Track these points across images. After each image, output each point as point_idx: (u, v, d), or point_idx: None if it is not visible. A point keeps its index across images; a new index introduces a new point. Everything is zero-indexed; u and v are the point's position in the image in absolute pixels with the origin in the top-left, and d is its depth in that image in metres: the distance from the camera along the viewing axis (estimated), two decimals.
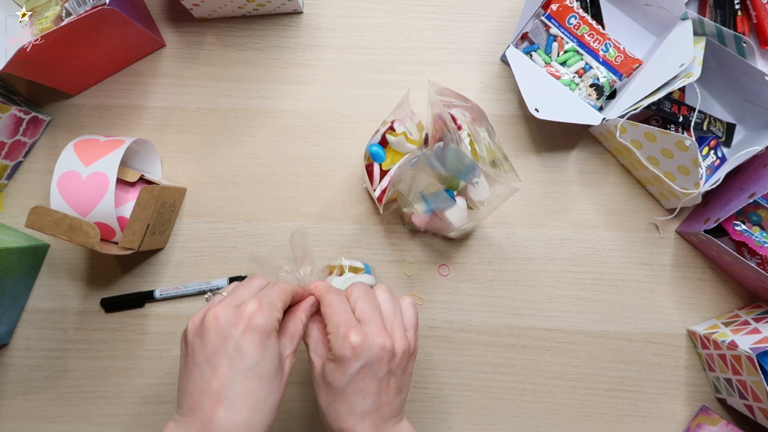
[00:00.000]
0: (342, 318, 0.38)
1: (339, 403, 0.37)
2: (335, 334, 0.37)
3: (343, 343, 0.37)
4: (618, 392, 0.55)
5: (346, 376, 0.37)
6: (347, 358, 0.36)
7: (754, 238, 0.53)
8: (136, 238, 0.49)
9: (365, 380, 0.37)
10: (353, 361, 0.36)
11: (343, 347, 0.36)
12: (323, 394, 0.38)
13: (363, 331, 0.37)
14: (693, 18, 0.54)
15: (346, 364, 0.37)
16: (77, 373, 0.55)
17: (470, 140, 0.49)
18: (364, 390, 0.37)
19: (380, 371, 0.37)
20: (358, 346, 0.36)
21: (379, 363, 0.37)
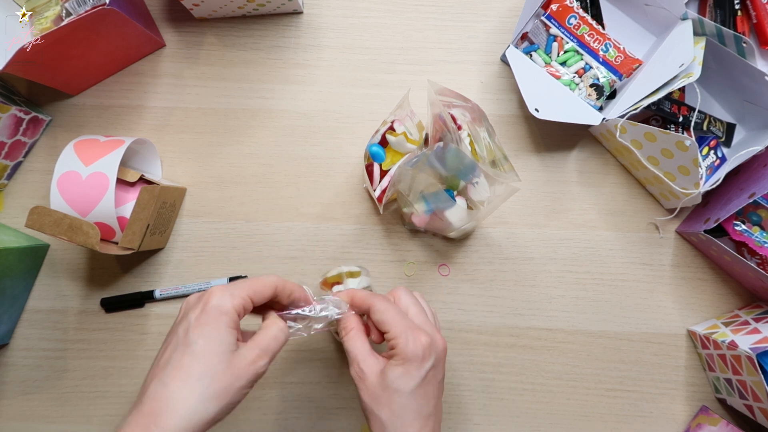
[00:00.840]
0: (405, 321, 0.38)
1: (406, 410, 0.37)
2: (405, 337, 0.37)
3: (416, 344, 0.37)
4: (618, 392, 0.55)
5: (416, 379, 0.37)
6: (419, 358, 0.37)
7: (754, 238, 0.53)
8: (136, 238, 0.50)
9: (431, 383, 0.38)
10: (425, 361, 0.37)
11: (416, 348, 0.37)
12: (385, 404, 0.37)
13: (427, 333, 0.38)
14: (693, 18, 0.54)
15: (418, 365, 0.37)
16: (77, 373, 0.55)
17: (470, 140, 0.49)
18: (428, 393, 0.38)
19: (440, 373, 0.39)
20: (428, 347, 0.37)
21: (441, 364, 0.39)
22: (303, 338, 0.56)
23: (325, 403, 0.55)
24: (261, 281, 0.37)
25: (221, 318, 0.34)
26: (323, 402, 0.55)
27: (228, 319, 0.34)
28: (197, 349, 0.33)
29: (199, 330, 0.33)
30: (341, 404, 0.55)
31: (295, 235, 0.58)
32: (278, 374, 0.55)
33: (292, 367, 0.55)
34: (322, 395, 0.55)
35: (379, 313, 0.39)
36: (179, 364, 0.33)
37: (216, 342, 0.33)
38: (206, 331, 0.33)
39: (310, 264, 0.57)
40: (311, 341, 0.56)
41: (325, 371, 0.55)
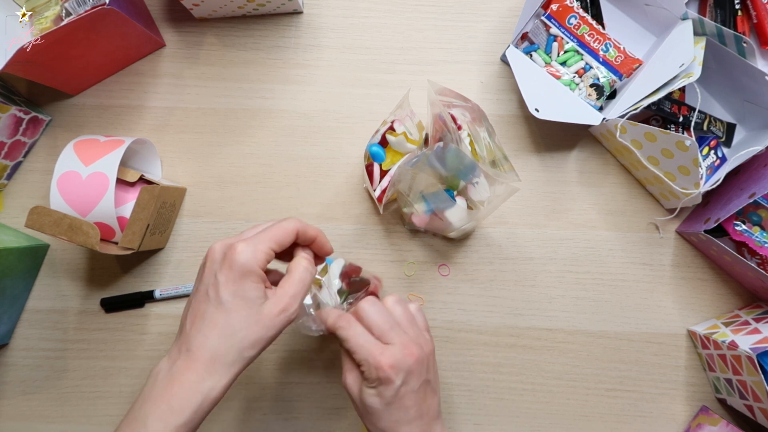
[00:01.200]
0: (366, 347, 0.39)
1: (384, 421, 0.38)
2: (367, 364, 0.38)
3: (378, 369, 0.38)
4: (618, 392, 0.55)
5: (387, 398, 0.38)
6: (386, 380, 0.38)
7: (754, 238, 0.52)
8: (136, 238, 0.49)
9: (406, 396, 0.39)
10: (391, 382, 0.38)
11: (378, 373, 0.38)
12: (367, 419, 0.39)
13: (392, 351, 0.38)
14: (693, 18, 0.54)
15: (385, 387, 0.38)
16: (77, 373, 0.55)
17: (470, 140, 0.49)
18: (405, 404, 0.39)
19: (417, 383, 0.39)
20: (392, 366, 0.38)
21: (416, 375, 0.39)
22: (303, 338, 0.56)
23: (325, 403, 0.55)
24: (282, 229, 0.39)
25: (248, 275, 0.36)
26: (323, 402, 0.55)
27: (254, 275, 0.37)
28: (229, 307, 0.36)
29: (228, 289, 0.36)
30: (341, 404, 0.55)
31: None
32: (278, 374, 0.55)
33: (292, 367, 0.55)
34: (322, 395, 0.55)
35: (344, 341, 0.40)
36: (215, 319, 0.36)
37: (245, 298, 0.36)
38: (235, 289, 0.36)
39: None
40: (311, 341, 0.56)
41: (325, 371, 0.55)
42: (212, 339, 0.36)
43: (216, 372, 0.36)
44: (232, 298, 0.36)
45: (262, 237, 0.38)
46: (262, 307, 0.37)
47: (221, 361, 0.36)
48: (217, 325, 0.36)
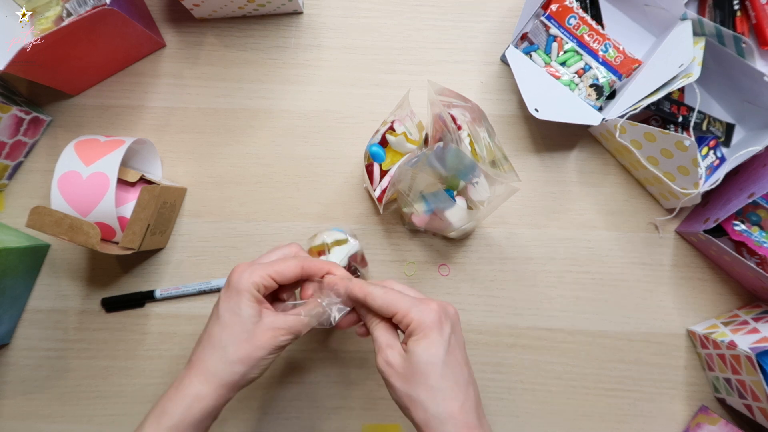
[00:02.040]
0: (408, 297, 0.38)
1: (443, 381, 0.35)
2: (416, 310, 0.37)
3: (429, 311, 0.37)
4: (618, 392, 0.55)
5: (442, 346, 0.36)
6: (437, 324, 0.36)
7: (753, 238, 0.53)
8: (136, 238, 0.50)
9: (457, 348, 0.37)
10: (443, 325, 0.37)
11: (430, 315, 0.36)
12: (421, 383, 0.35)
13: (432, 301, 0.38)
14: (692, 18, 0.54)
15: (438, 332, 0.36)
16: (77, 373, 0.55)
17: (470, 140, 0.49)
18: (458, 359, 0.37)
19: (461, 337, 0.39)
20: (441, 311, 0.37)
21: (458, 328, 0.39)
22: (303, 337, 0.56)
23: (325, 403, 0.55)
24: (285, 264, 0.40)
25: (241, 294, 0.38)
26: (323, 402, 0.55)
27: (248, 294, 0.38)
28: (223, 321, 0.39)
29: (224, 304, 0.39)
30: (341, 404, 0.55)
31: (295, 235, 0.58)
32: (278, 374, 0.55)
33: (292, 367, 0.56)
34: (322, 395, 0.55)
35: (379, 298, 0.39)
36: (211, 331, 0.39)
37: (239, 315, 0.38)
38: (229, 305, 0.39)
39: None
40: (311, 340, 0.56)
41: (325, 371, 0.55)
42: (207, 350, 0.39)
43: (205, 380, 0.38)
44: (227, 314, 0.39)
45: (261, 263, 0.40)
46: (256, 326, 0.38)
47: (211, 371, 0.38)
48: (212, 338, 0.39)
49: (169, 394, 0.38)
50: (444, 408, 0.35)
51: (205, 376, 0.38)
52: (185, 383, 0.38)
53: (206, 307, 0.56)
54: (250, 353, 0.38)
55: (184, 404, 0.37)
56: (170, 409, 0.37)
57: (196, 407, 0.37)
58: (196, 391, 0.37)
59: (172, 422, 0.36)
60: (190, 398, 0.37)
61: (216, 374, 0.38)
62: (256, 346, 0.38)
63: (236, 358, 0.38)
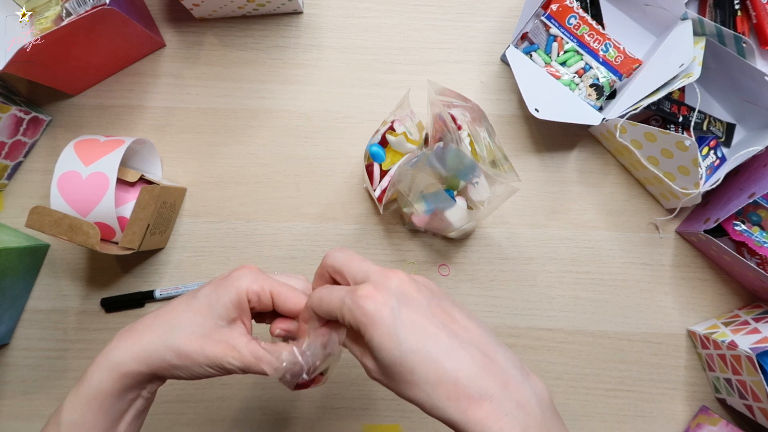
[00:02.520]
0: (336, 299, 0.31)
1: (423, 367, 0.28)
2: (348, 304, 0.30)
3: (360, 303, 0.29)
4: (618, 392, 0.55)
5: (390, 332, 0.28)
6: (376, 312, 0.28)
7: (753, 238, 0.53)
8: (136, 238, 0.50)
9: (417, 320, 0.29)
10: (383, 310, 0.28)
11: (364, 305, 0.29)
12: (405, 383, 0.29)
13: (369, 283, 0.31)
14: (693, 18, 0.54)
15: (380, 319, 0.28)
16: (77, 373, 0.55)
17: (470, 140, 0.49)
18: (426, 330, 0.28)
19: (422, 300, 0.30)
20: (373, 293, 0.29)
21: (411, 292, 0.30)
22: None
23: (325, 403, 0.55)
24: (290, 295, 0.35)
25: (230, 291, 0.34)
26: (323, 402, 0.55)
27: (235, 296, 0.34)
28: (194, 304, 0.34)
29: (208, 289, 0.35)
30: (341, 404, 0.55)
31: (295, 235, 0.58)
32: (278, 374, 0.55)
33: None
34: (322, 395, 0.55)
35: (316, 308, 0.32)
36: (176, 305, 0.35)
37: (210, 307, 0.34)
38: (210, 294, 0.34)
39: (310, 264, 0.57)
40: None
41: None
42: (153, 321, 0.34)
43: (136, 349, 0.33)
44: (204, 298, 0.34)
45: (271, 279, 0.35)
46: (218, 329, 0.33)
47: (142, 343, 0.33)
48: (173, 311, 0.34)
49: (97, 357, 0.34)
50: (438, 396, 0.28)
51: (135, 345, 0.33)
52: (111, 346, 0.34)
53: None
54: (190, 353, 0.33)
55: (104, 371, 0.33)
56: (89, 375, 0.33)
57: (117, 375, 0.32)
58: (120, 356, 0.33)
59: (91, 391, 0.32)
60: (109, 363, 0.33)
61: (145, 348, 0.33)
62: (201, 348, 0.33)
63: (177, 345, 0.33)
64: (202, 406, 0.55)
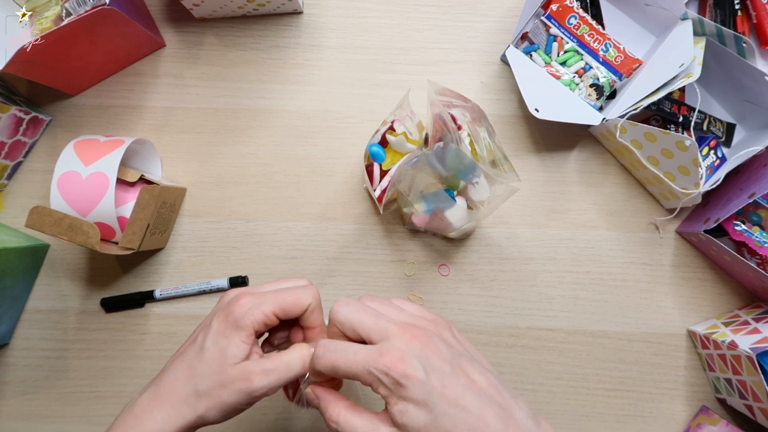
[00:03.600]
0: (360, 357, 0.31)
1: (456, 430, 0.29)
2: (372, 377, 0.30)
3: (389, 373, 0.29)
4: (618, 392, 0.55)
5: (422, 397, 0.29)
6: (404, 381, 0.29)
7: (754, 238, 0.53)
8: (136, 238, 0.50)
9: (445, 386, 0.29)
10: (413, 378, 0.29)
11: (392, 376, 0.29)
12: None
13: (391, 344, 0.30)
14: (693, 18, 0.54)
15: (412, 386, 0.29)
16: (77, 373, 0.55)
17: (470, 140, 0.49)
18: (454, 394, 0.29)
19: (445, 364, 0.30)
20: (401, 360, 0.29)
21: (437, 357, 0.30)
22: None
23: None
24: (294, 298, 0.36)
25: (238, 332, 0.34)
26: None
27: (244, 334, 0.34)
28: (206, 355, 0.35)
29: (213, 338, 0.35)
30: None
31: (295, 235, 0.58)
32: None
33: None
34: None
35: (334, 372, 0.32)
36: (188, 360, 0.35)
37: (223, 351, 0.34)
38: (218, 341, 0.35)
39: (310, 264, 0.57)
40: None
41: None
42: (175, 378, 0.35)
43: (165, 411, 0.34)
44: (213, 346, 0.34)
45: (269, 298, 0.35)
46: (232, 367, 0.34)
47: (174, 400, 0.34)
48: (187, 366, 0.35)
49: (124, 417, 0.34)
50: None
51: (168, 406, 0.34)
52: (142, 411, 0.34)
53: (206, 307, 0.56)
54: (218, 395, 0.34)
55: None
56: None
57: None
58: (152, 424, 0.33)
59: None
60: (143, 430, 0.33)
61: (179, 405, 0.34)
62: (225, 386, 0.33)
63: (202, 392, 0.34)
64: None
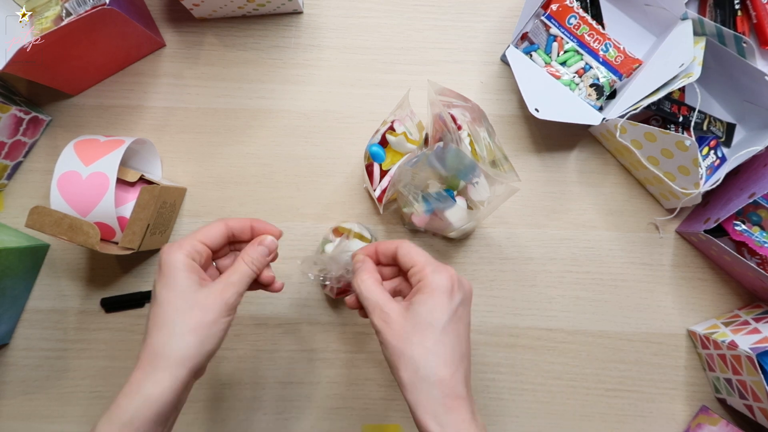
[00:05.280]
0: (429, 258, 0.38)
1: (440, 346, 0.35)
2: (432, 268, 0.37)
3: (443, 275, 0.36)
4: (618, 392, 0.55)
5: (447, 312, 0.35)
6: (448, 289, 0.36)
7: (754, 238, 0.53)
8: (136, 238, 0.50)
9: (462, 320, 0.36)
10: (453, 293, 0.36)
11: (444, 279, 0.36)
12: (417, 342, 0.35)
13: (448, 267, 0.38)
14: (693, 18, 0.54)
15: (448, 297, 0.36)
16: (77, 373, 0.55)
17: (470, 140, 0.49)
18: (460, 331, 0.36)
19: (468, 314, 0.37)
20: (455, 279, 0.37)
21: (468, 304, 0.38)
22: (305, 331, 0.56)
23: (325, 403, 0.55)
24: (208, 227, 0.40)
25: (175, 266, 0.37)
26: (323, 402, 0.55)
27: (181, 265, 0.37)
28: (161, 300, 0.36)
29: (159, 284, 0.37)
30: (341, 404, 0.55)
31: (295, 235, 0.58)
32: (278, 374, 0.55)
33: (292, 367, 0.55)
34: (322, 395, 0.55)
35: (404, 253, 0.39)
36: (153, 316, 0.37)
37: (175, 288, 0.36)
38: (164, 282, 0.37)
39: None
40: (311, 340, 0.56)
41: (325, 371, 0.55)
42: (152, 336, 0.36)
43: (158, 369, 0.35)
44: (164, 290, 0.36)
45: (188, 236, 0.39)
46: (197, 293, 0.37)
47: (162, 355, 0.35)
48: (156, 321, 0.36)
49: (123, 389, 0.35)
50: (435, 372, 0.34)
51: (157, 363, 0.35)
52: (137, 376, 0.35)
53: None
54: (200, 319, 0.36)
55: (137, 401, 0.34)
56: (124, 406, 0.34)
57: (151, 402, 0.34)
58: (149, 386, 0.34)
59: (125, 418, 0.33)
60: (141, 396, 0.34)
61: (169, 355, 0.35)
62: (204, 310, 0.36)
63: (186, 328, 0.35)
64: (202, 406, 0.55)
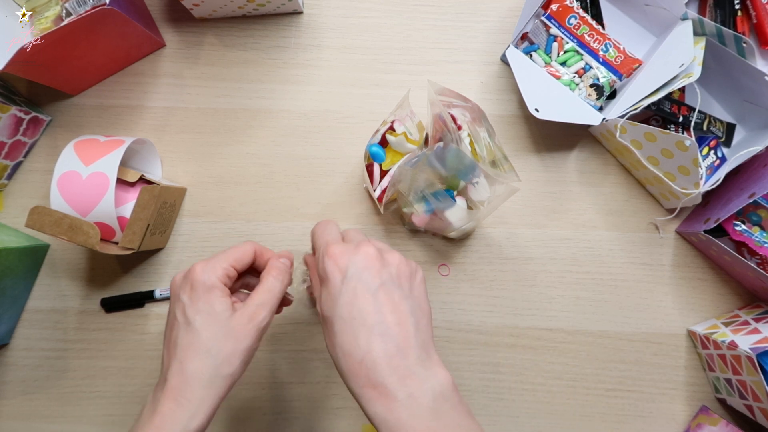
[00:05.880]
0: (324, 238, 0.38)
1: (342, 335, 0.33)
2: (319, 255, 0.37)
3: (324, 259, 0.35)
4: (618, 392, 0.55)
5: (333, 295, 0.34)
6: (331, 273, 0.35)
7: (753, 238, 0.53)
8: (136, 238, 0.50)
9: (358, 297, 0.34)
10: (336, 273, 0.35)
11: (325, 263, 0.35)
12: (327, 335, 0.35)
13: (345, 245, 0.36)
14: (693, 18, 0.54)
15: (331, 280, 0.35)
16: (77, 373, 0.55)
17: (470, 140, 0.49)
18: (360, 308, 0.33)
19: (372, 282, 0.34)
20: (338, 256, 0.35)
21: (368, 272, 0.34)
22: (305, 331, 0.56)
23: (325, 403, 0.55)
24: (240, 249, 0.40)
25: (211, 291, 0.36)
26: (323, 402, 0.55)
27: (217, 290, 0.37)
28: (197, 326, 0.36)
29: (194, 308, 0.36)
30: (341, 404, 0.55)
31: (295, 235, 0.58)
32: (278, 374, 0.55)
33: (292, 367, 0.55)
34: (322, 395, 0.55)
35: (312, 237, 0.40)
36: (186, 342, 0.35)
37: (211, 314, 0.36)
38: (200, 307, 0.36)
39: None
40: (311, 340, 0.56)
41: (325, 371, 0.55)
42: (186, 363, 0.35)
43: (194, 398, 0.34)
44: (199, 316, 0.36)
45: (218, 256, 0.39)
46: (230, 319, 0.36)
47: (198, 384, 0.34)
48: (190, 348, 0.35)
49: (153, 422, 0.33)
50: (345, 364, 0.33)
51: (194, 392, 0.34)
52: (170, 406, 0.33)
53: None
54: (235, 347, 0.35)
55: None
56: None
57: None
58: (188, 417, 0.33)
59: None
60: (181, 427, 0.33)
61: (206, 385, 0.34)
62: (238, 338, 0.35)
63: (223, 358, 0.35)
64: None
